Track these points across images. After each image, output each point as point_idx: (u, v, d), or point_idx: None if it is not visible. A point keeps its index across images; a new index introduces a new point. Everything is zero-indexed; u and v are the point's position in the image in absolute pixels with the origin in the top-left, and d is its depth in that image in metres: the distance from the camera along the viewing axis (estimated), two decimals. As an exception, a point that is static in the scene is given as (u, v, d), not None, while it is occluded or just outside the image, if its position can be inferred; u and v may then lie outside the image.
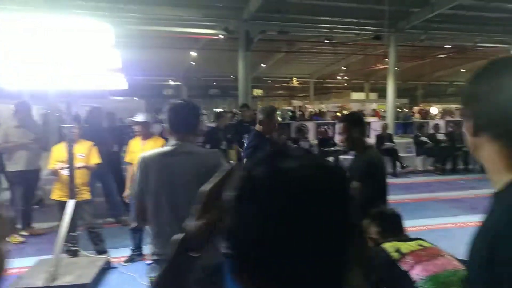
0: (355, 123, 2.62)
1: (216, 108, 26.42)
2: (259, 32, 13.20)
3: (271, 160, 0.58)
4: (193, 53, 19.73)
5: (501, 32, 13.75)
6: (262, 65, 23.65)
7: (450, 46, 16.28)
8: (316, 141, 10.04)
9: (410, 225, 5.92)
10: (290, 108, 25.76)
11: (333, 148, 9.28)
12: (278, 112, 23.00)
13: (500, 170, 0.90)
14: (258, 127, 3.70)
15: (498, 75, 0.89)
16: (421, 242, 1.96)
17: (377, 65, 22.19)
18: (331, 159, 9.05)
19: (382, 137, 9.90)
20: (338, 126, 2.77)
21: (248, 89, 16.03)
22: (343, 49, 19.15)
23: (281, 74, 28.56)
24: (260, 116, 3.70)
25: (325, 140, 9.60)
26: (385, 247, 1.90)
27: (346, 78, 30.64)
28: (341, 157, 9.19)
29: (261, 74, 26.33)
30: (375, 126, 10.48)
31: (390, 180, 9.21)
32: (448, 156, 10.14)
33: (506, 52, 14.82)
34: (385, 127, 10.42)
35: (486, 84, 0.90)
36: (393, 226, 2.10)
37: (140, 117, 4.75)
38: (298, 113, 21.75)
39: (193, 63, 21.97)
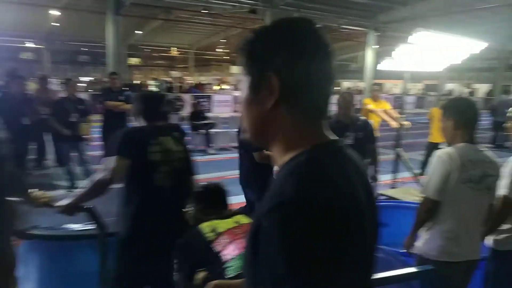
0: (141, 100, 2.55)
1: (87, 76, 24.08)
2: (130, -5, 12.15)
3: None
4: (55, 13, 17.39)
5: (360, 16, 15.09)
6: (136, 32, 22.13)
7: (319, 26, 17.32)
8: (188, 115, 9.78)
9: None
10: (168, 79, 24.82)
11: (204, 122, 9.14)
12: (156, 83, 22.02)
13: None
14: None
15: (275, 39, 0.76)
16: (238, 218, 1.85)
17: (256, 39, 22.60)
18: (202, 132, 8.93)
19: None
20: None
21: (121, 56, 14.77)
22: (222, 21, 18.98)
23: (159, 43, 27.21)
24: None
25: (197, 114, 9.41)
26: (202, 227, 1.78)
27: (227, 51, 30.70)
28: (212, 130, 9.11)
29: (137, 41, 24.69)
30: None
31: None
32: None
33: (364, 36, 16.40)
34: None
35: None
36: (214, 202, 1.95)
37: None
38: (178, 85, 21.04)
39: (57, 24, 19.42)
